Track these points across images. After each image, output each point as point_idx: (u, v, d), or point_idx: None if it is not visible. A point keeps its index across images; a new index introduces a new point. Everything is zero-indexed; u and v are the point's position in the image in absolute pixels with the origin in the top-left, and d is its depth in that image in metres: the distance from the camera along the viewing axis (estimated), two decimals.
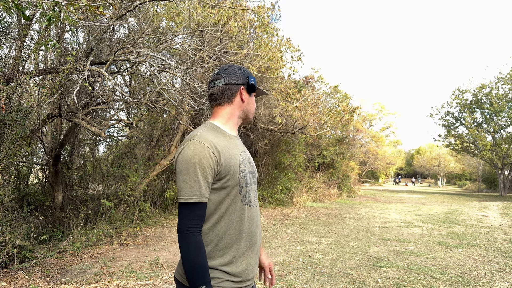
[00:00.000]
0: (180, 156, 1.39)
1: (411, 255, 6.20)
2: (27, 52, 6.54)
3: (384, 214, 12.35)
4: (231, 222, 1.43)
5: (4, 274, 4.77)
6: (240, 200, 1.46)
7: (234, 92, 1.54)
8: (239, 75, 1.55)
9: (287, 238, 7.43)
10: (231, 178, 1.43)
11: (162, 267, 5.12)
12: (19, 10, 3.79)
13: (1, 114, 5.52)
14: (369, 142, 33.31)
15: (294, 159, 15.35)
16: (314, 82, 17.91)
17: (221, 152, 1.41)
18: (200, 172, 1.35)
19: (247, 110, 1.59)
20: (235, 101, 1.55)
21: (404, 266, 5.41)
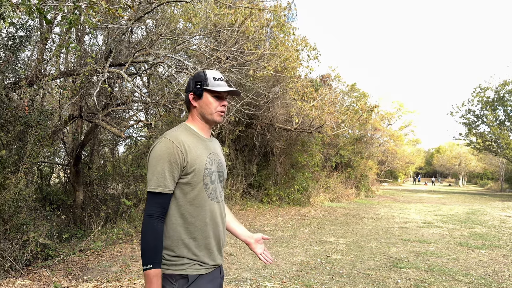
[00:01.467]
0: (152, 151, 1.56)
1: (431, 256, 6.09)
2: (49, 55, 6.69)
3: (403, 214, 12.17)
4: (197, 214, 1.60)
5: (28, 271, 4.90)
6: (206, 196, 1.63)
7: (188, 100, 1.71)
8: (190, 83, 1.71)
9: (304, 238, 7.40)
10: (196, 175, 1.58)
11: None
12: (41, 14, 3.89)
13: (25, 116, 5.67)
14: (387, 141, 32.82)
15: (311, 158, 15.27)
16: (331, 81, 17.77)
17: (188, 150, 1.57)
18: (167, 166, 1.52)
19: (202, 113, 1.70)
20: (191, 107, 1.71)
21: (425, 267, 5.32)
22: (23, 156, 5.48)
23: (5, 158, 5.28)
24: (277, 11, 8.90)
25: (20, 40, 6.09)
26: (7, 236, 5.11)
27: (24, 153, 5.52)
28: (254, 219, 9.76)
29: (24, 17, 5.48)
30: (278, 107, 11.27)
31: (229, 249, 6.26)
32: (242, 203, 12.21)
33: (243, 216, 10.20)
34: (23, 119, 5.53)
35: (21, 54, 6.36)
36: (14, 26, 5.70)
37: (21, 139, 5.76)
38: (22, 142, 5.65)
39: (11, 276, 4.62)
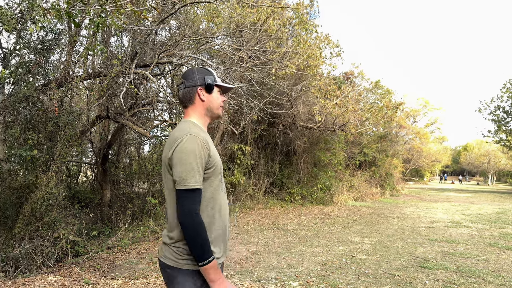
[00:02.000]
0: (180, 148, 1.54)
1: (460, 256, 5.93)
2: (77, 57, 6.88)
3: (430, 213, 11.89)
4: (215, 206, 1.63)
5: (59, 267, 5.06)
6: (220, 188, 1.68)
7: (193, 94, 1.71)
8: (196, 77, 1.72)
9: (328, 238, 7.34)
10: (216, 168, 1.64)
11: None
12: (70, 18, 4.01)
13: (55, 117, 5.86)
14: (413, 139, 32.11)
15: (334, 157, 15.11)
16: (355, 78, 17.53)
17: (209, 146, 1.62)
18: (199, 162, 1.54)
19: (210, 107, 1.74)
20: (196, 101, 1.72)
21: (454, 268, 5.18)
22: (54, 155, 5.66)
23: (37, 158, 5.47)
24: (299, 9, 8.85)
25: (49, 44, 6.28)
26: (39, 233, 5.30)
27: (54, 153, 5.70)
28: (277, 218, 9.75)
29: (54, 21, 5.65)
30: (300, 106, 11.21)
31: (253, 248, 6.28)
32: (264, 201, 12.22)
33: (266, 215, 10.21)
34: (53, 120, 5.71)
35: (51, 57, 6.56)
36: (44, 30, 5.88)
37: (51, 139, 5.95)
38: (52, 142, 5.83)
39: (43, 272, 4.78)
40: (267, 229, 8.16)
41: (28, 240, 5.02)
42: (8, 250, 4.73)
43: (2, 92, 6.51)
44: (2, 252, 4.65)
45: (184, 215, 1.50)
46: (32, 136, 5.52)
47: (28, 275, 4.46)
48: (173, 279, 1.56)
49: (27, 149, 5.29)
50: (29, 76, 5.87)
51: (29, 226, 5.11)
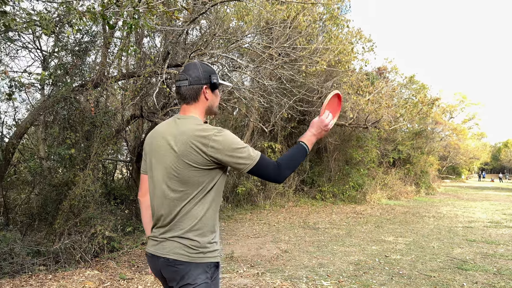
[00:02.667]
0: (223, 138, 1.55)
1: (501, 258, 5.66)
2: (111, 58, 7.08)
3: (468, 213, 11.43)
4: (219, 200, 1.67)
5: (96, 262, 5.24)
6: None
7: (198, 91, 1.67)
8: (201, 75, 1.67)
9: (361, 237, 7.20)
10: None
11: (237, 261, 5.26)
12: (104, 20, 4.12)
13: (91, 116, 6.06)
14: (449, 135, 31.01)
15: (367, 154, 14.82)
16: (388, 73, 17.09)
17: None
18: None
19: (211, 106, 1.72)
20: (200, 99, 1.68)
21: (493, 270, 4.95)
22: (90, 154, 5.86)
23: (74, 156, 5.68)
24: (330, 4, 8.70)
25: (85, 46, 6.50)
26: (78, 229, 5.51)
27: (91, 151, 5.90)
28: (308, 216, 9.67)
29: (89, 24, 5.84)
30: None
31: (283, 246, 6.26)
32: (295, 199, 12.15)
33: (296, 213, 10.15)
34: (90, 120, 5.91)
35: (87, 59, 6.79)
36: (80, 33, 6.08)
37: (88, 138, 6.16)
38: (89, 141, 6.04)
39: (81, 266, 4.97)
40: (297, 227, 8.12)
41: (67, 235, 5.23)
42: (48, 245, 4.95)
43: (42, 93, 6.81)
44: (43, 247, 4.86)
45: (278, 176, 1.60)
46: (70, 135, 5.73)
47: (68, 269, 4.65)
48: (185, 274, 1.54)
49: (66, 148, 5.50)
50: (67, 77, 6.10)
51: (68, 222, 5.32)
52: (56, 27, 4.84)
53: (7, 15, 3.47)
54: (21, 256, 4.46)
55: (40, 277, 4.18)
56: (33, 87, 6.10)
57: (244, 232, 7.50)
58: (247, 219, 9.01)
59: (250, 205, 10.92)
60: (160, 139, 1.64)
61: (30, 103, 7.15)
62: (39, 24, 3.70)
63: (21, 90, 5.83)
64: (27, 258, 4.62)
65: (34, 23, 3.67)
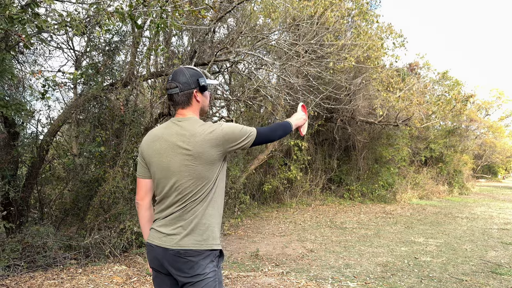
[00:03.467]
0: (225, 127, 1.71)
1: None
2: (140, 58, 7.21)
3: (503, 214, 10.93)
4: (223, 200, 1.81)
5: (124, 257, 5.37)
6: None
7: (189, 96, 1.77)
8: (189, 80, 1.77)
9: (390, 238, 7.03)
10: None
11: (262, 259, 5.25)
12: (132, 20, 4.18)
13: (120, 115, 6.20)
14: (485, 133, 29.73)
15: (397, 153, 14.43)
16: (420, 69, 16.59)
17: None
18: None
19: (203, 106, 1.85)
20: (193, 102, 1.79)
21: None
22: (120, 151, 6.00)
23: (105, 153, 5.83)
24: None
25: (115, 45, 6.65)
26: (107, 225, 5.66)
27: (120, 148, 6.04)
28: (335, 215, 9.54)
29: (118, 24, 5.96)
30: (360, 100, 10.82)
31: (309, 245, 6.19)
32: (322, 198, 12.02)
33: (323, 212, 10.04)
34: (119, 118, 6.04)
35: (117, 58, 6.94)
36: (109, 33, 6.22)
37: (118, 136, 6.31)
38: (119, 139, 6.18)
39: (111, 261, 5.10)
40: (324, 226, 8.02)
41: (97, 230, 5.38)
42: (79, 240, 5.10)
43: (74, 92, 7.03)
44: (74, 241, 5.02)
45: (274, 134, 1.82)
46: (100, 133, 5.89)
47: (97, 263, 4.78)
48: (195, 264, 1.63)
49: (96, 145, 5.65)
50: (98, 76, 6.26)
51: (98, 218, 5.47)
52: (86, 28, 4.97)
53: (39, 16, 3.58)
54: (54, 250, 4.62)
55: (71, 271, 4.32)
56: (66, 86, 6.29)
57: (269, 230, 7.48)
58: (273, 217, 8.99)
59: (276, 203, 10.90)
60: (163, 142, 1.71)
61: (64, 102, 7.41)
62: (69, 25, 3.80)
63: (54, 89, 6.03)
64: (60, 252, 4.78)
65: (65, 24, 3.77)
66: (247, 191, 10.04)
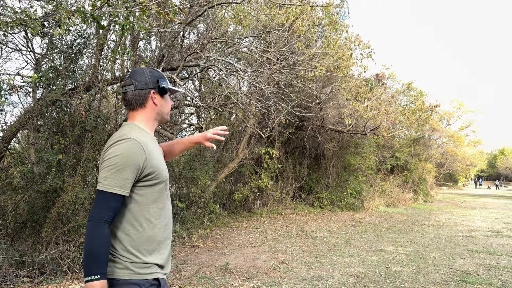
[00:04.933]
0: (113, 149, 1.45)
1: (504, 270, 5.48)
2: (105, 61, 6.88)
3: (467, 221, 11.25)
4: (160, 215, 1.55)
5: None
6: (166, 196, 1.60)
7: (145, 96, 1.58)
8: (148, 79, 1.59)
9: (360, 247, 7.00)
10: (159, 175, 1.53)
11: (232, 273, 5.04)
12: (95, 20, 3.92)
13: (82, 121, 5.85)
14: (446, 143, 30.91)
15: (364, 161, 14.64)
16: (386, 80, 17.00)
17: (150, 152, 1.50)
18: (131, 167, 1.43)
19: (161, 112, 1.64)
20: (148, 105, 1.60)
21: (498, 284, 4.77)
22: (80, 159, 5.64)
23: (64, 162, 5.46)
24: (329, 9, 8.57)
25: (78, 48, 6.30)
26: (66, 238, 5.27)
27: (81, 156, 5.68)
28: (306, 224, 9.46)
29: (80, 25, 5.65)
30: (330, 108, 10.88)
31: (280, 256, 6.04)
32: (292, 206, 11.95)
33: (294, 220, 9.94)
34: (81, 124, 5.70)
35: (79, 61, 6.58)
36: (70, 33, 5.89)
37: (79, 143, 5.94)
38: (80, 146, 5.82)
39: (69, 278, 4.73)
40: (295, 236, 7.90)
41: (55, 244, 4.99)
42: (34, 255, 4.71)
43: (33, 96, 6.59)
44: (28, 257, 4.63)
45: (90, 217, 1.40)
46: (60, 140, 5.52)
47: (53, 281, 4.42)
48: None
49: (54, 153, 5.28)
50: (59, 80, 5.89)
51: (56, 231, 5.09)
52: (43, 27, 4.65)
53: None
54: (4, 267, 4.23)
55: None
56: (22, 90, 5.88)
57: (240, 241, 7.28)
58: (243, 227, 8.79)
59: (246, 212, 10.71)
60: None
61: (22, 107, 6.94)
62: (25, 23, 3.50)
63: (10, 93, 5.62)
64: (11, 270, 4.38)
65: (20, 22, 3.47)
66: (216, 201, 9.80)
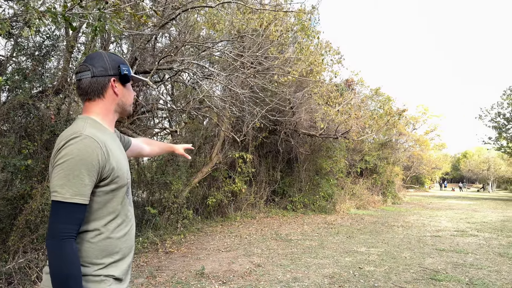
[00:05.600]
0: (65, 151, 1.21)
1: (471, 267, 5.73)
2: (75, 64, 6.71)
3: (434, 222, 11.68)
4: (120, 224, 1.36)
5: None
6: (127, 202, 1.41)
7: (104, 85, 1.36)
8: (108, 65, 1.36)
9: (334, 248, 7.12)
10: (120, 179, 1.33)
11: (208, 277, 5.01)
12: (67, 21, 3.83)
13: (51, 125, 5.67)
14: (412, 146, 31.99)
15: (336, 164, 14.92)
16: (355, 85, 17.43)
17: (109, 151, 1.29)
18: (87, 171, 1.21)
19: (122, 103, 1.43)
20: (107, 94, 1.37)
21: (466, 280, 4.98)
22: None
23: (32, 167, 5.27)
24: (301, 14, 8.72)
25: (46, 50, 6.12)
26: (34, 246, 5.08)
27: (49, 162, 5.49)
28: (280, 227, 9.52)
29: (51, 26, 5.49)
30: (302, 113, 11.05)
31: (256, 260, 6.06)
32: (266, 210, 11.99)
33: (268, 224, 9.99)
34: (50, 128, 5.52)
35: (48, 64, 6.39)
36: (40, 35, 5.72)
37: (48, 148, 5.75)
38: (49, 151, 5.63)
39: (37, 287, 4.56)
40: (270, 239, 7.94)
41: (22, 253, 4.80)
42: (0, 265, 4.51)
43: None
44: None
45: (49, 236, 1.18)
46: (28, 145, 5.32)
47: None
48: None
49: (22, 159, 5.09)
50: (25, 83, 5.69)
51: (23, 239, 4.89)
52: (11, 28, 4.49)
53: None
54: None
55: None
56: None
57: (214, 245, 7.24)
58: (217, 232, 8.75)
59: (220, 217, 10.66)
60: None
61: None
62: None
63: None
64: None
65: None
66: (190, 206, 9.70)
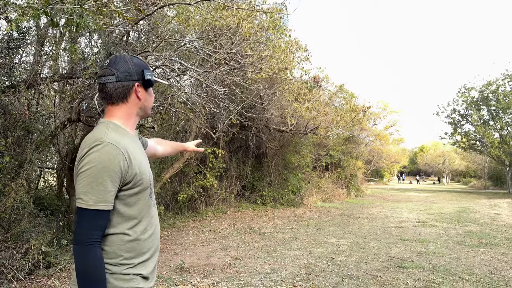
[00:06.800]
0: (88, 158, 1.24)
1: (433, 255, 6.18)
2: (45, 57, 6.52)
3: (396, 213, 12.32)
4: (146, 226, 1.39)
5: (31, 280, 4.77)
6: (151, 204, 1.44)
7: (128, 89, 1.38)
8: (132, 69, 1.38)
9: (306, 240, 7.41)
10: (143, 182, 1.36)
11: (189, 271, 5.11)
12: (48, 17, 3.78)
13: (23, 121, 5.52)
14: (373, 141, 33.19)
15: (303, 159, 15.33)
16: (321, 82, 17.88)
17: (132, 157, 1.32)
18: (110, 178, 1.24)
19: (145, 107, 1.46)
20: (131, 99, 1.40)
21: (430, 267, 5.39)
22: (23, 162, 5.33)
23: (5, 164, 5.13)
24: (273, 13, 8.89)
25: (15, 43, 5.92)
26: (8, 245, 4.97)
27: (23, 159, 5.37)
28: (252, 221, 9.73)
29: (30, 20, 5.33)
30: (273, 109, 11.27)
31: (233, 253, 6.22)
32: (236, 205, 12.16)
33: (240, 218, 10.16)
34: (24, 124, 5.38)
35: (17, 57, 6.19)
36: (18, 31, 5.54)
37: (20, 144, 5.60)
38: (22, 148, 5.49)
39: (14, 287, 4.48)
40: (243, 233, 8.12)
41: None
42: None
43: None
44: None
45: (75, 241, 1.22)
46: (1, 142, 5.17)
47: None
48: None
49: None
50: None
51: None
52: None
53: None
54: None
55: None
56: None
57: (189, 240, 7.32)
58: (190, 227, 8.81)
59: (191, 213, 10.71)
60: None
61: None
62: None
63: None
64: None
65: None
66: (161, 202, 9.69)
